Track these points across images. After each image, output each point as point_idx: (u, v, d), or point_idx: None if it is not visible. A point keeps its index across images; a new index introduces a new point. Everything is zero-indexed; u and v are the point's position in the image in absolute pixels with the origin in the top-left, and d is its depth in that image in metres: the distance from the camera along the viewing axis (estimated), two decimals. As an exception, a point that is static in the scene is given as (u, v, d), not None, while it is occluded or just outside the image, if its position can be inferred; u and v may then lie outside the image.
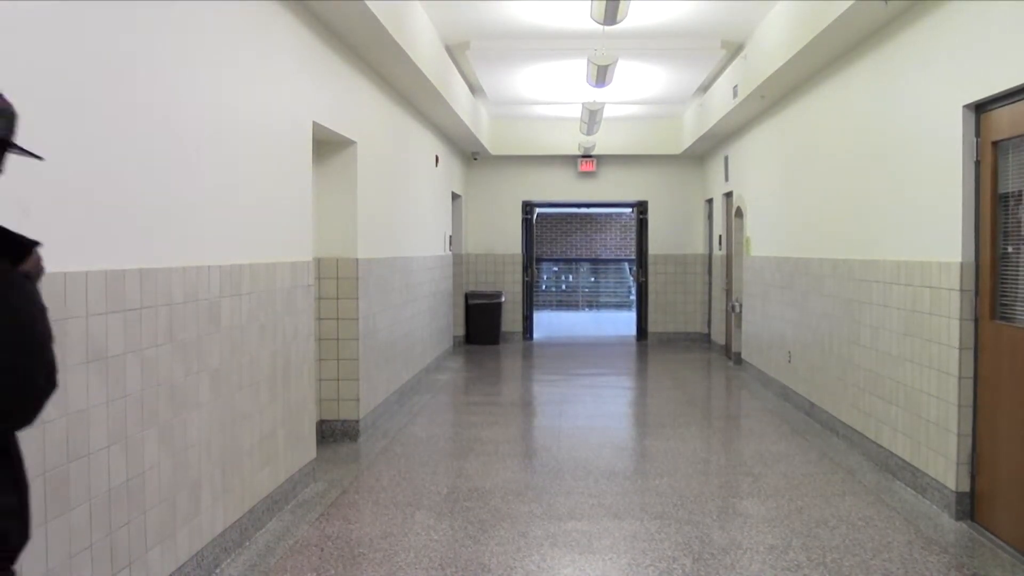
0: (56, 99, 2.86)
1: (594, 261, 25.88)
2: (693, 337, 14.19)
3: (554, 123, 13.38)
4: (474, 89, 10.88)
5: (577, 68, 9.00)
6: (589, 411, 8.40)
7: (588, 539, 4.56)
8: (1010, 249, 4.51)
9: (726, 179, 11.88)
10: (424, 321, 9.96)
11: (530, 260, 14.85)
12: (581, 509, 5.08)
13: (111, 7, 3.19)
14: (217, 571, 4.08)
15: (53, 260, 2.83)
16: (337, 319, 6.68)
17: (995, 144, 4.59)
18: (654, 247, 14.41)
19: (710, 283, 13.58)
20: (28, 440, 2.69)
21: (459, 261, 13.59)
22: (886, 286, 5.83)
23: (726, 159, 11.85)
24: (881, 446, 5.93)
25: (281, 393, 5.04)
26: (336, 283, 6.68)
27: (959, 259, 4.78)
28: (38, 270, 1.79)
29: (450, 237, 12.14)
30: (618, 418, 8.52)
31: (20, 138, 2.67)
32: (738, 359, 11.26)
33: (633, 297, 19.33)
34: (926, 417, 5.19)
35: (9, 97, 1.85)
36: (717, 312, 12.91)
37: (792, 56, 6.82)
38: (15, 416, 1.67)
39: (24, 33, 2.71)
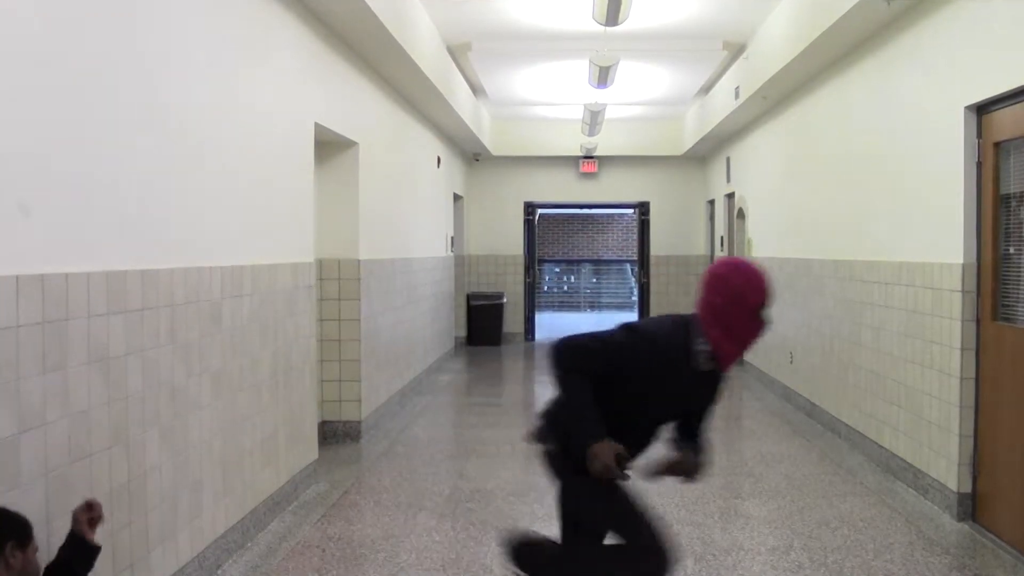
0: (58, 99, 2.86)
1: (596, 262, 25.84)
2: (695, 338, 14.14)
3: (556, 124, 13.37)
4: (476, 90, 10.88)
5: (579, 69, 8.99)
6: (591, 412, 8.36)
7: (589, 540, 4.56)
8: (1011, 250, 4.51)
9: (728, 180, 11.87)
10: (426, 322, 9.96)
11: (532, 261, 14.84)
12: (582, 510, 5.07)
13: (112, 6, 3.19)
14: (219, 572, 4.08)
15: (55, 261, 2.85)
16: (339, 320, 6.69)
17: (996, 145, 4.59)
18: (656, 248, 14.41)
19: (712, 284, 13.54)
20: (29, 441, 2.70)
21: (461, 262, 13.59)
22: (887, 287, 5.83)
23: (728, 160, 11.85)
24: (883, 447, 5.92)
25: (283, 394, 5.05)
26: (338, 284, 6.69)
27: (960, 260, 4.77)
28: None
29: (452, 238, 12.15)
30: (620, 419, 8.50)
31: (24, 136, 2.69)
32: (739, 359, 11.24)
33: (635, 298, 19.30)
34: (927, 418, 5.19)
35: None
36: (719, 313, 12.87)
37: (794, 57, 6.82)
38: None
39: (22, 34, 2.72)
